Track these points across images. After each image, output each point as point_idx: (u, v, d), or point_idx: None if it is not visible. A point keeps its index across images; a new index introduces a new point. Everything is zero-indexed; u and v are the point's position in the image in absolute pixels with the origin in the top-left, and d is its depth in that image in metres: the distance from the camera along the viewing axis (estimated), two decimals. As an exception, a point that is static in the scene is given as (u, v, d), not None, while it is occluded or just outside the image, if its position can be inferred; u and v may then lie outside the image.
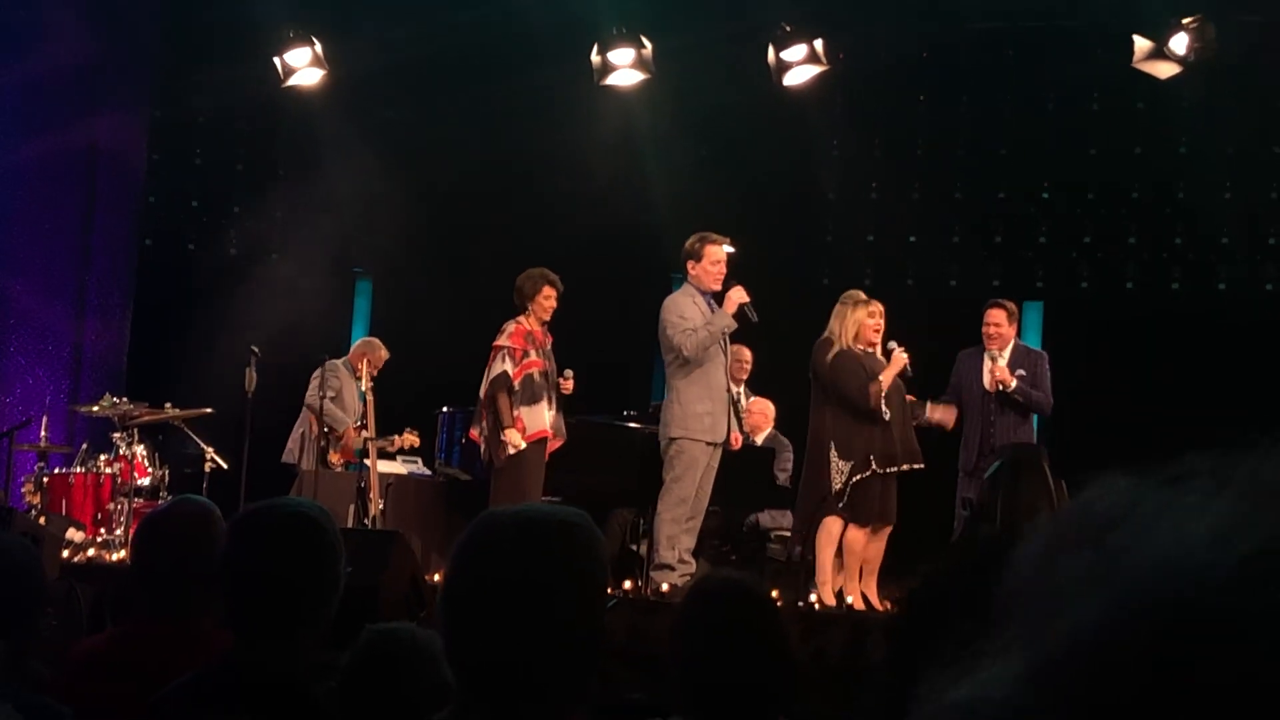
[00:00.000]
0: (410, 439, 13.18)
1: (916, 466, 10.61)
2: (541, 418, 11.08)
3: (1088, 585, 0.77)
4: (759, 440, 13.43)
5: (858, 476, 10.40)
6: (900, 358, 10.63)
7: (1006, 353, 11.65)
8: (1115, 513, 0.80)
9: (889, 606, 10.33)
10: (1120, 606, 0.75)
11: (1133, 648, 0.74)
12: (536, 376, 11.10)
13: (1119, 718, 0.74)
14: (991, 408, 11.47)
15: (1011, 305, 11.82)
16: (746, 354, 12.74)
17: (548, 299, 11.20)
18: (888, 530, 10.65)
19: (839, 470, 10.43)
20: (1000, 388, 11.39)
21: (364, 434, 12.65)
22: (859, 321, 10.54)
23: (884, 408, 10.47)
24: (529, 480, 10.97)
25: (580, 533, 2.67)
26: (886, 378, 10.49)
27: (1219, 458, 0.81)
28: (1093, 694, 0.74)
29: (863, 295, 10.75)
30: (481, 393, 11.19)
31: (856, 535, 10.51)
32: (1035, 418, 11.84)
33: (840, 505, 10.41)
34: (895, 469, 10.51)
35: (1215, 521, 0.76)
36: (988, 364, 11.50)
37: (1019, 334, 12.06)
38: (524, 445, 10.94)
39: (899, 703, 0.85)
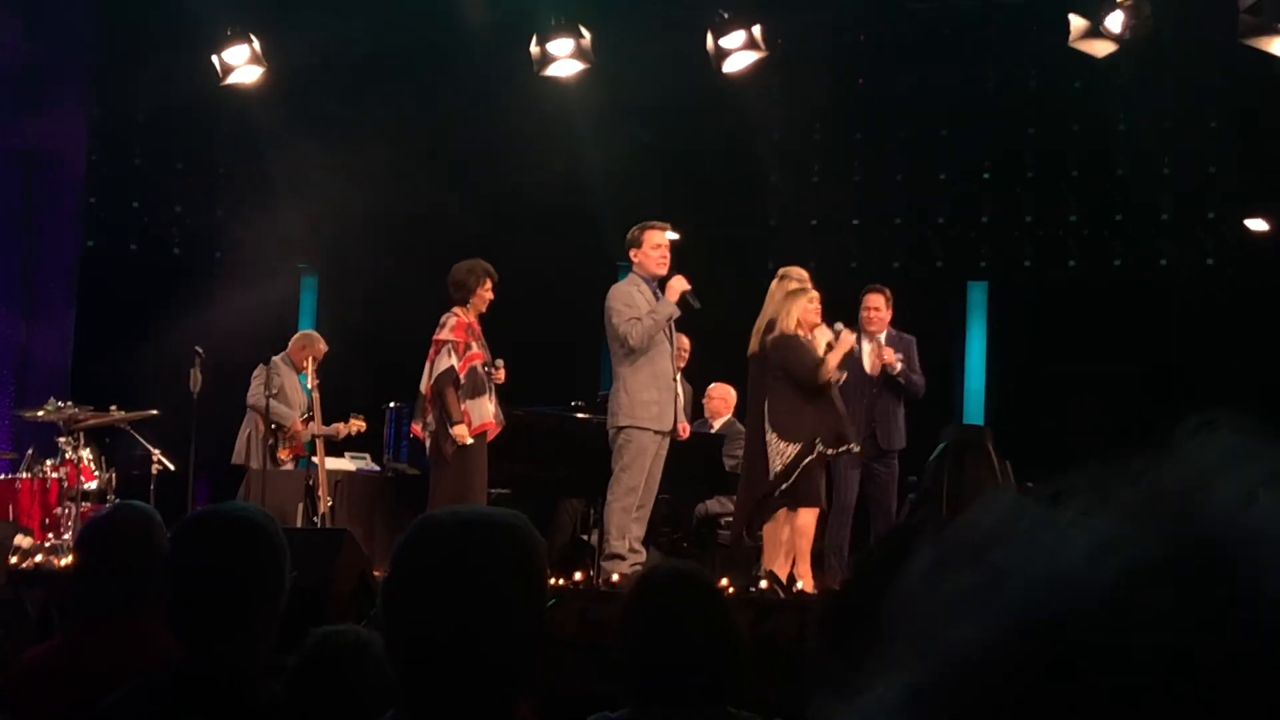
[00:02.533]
0: (356, 424, 13.13)
1: (855, 448, 10.67)
2: (485, 409, 11.07)
3: (968, 604, 0.77)
4: (716, 425, 13.45)
5: (807, 459, 10.40)
6: (848, 338, 10.66)
7: (882, 337, 11.78)
8: (996, 531, 0.81)
9: (814, 587, 10.35)
10: (998, 625, 0.76)
11: (1011, 666, 0.74)
12: (479, 368, 11.09)
13: None
14: (873, 391, 11.60)
15: (888, 291, 11.96)
16: (685, 343, 12.74)
17: (487, 291, 11.19)
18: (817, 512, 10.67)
19: (779, 453, 10.43)
20: (885, 369, 11.53)
21: (310, 426, 12.63)
22: (801, 308, 10.56)
23: (838, 379, 10.53)
24: (474, 473, 10.95)
25: (518, 532, 2.70)
26: (834, 357, 10.52)
27: (1096, 475, 0.82)
28: (974, 710, 0.75)
29: (797, 275, 10.73)
30: (424, 387, 11.15)
31: (808, 519, 10.52)
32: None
33: (782, 489, 10.40)
34: (845, 448, 10.54)
35: (1091, 539, 0.77)
36: (869, 347, 11.62)
37: (965, 314, 12.14)
38: (471, 440, 10.94)
39: (834, 691, 0.86)
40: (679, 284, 10.64)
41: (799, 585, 10.38)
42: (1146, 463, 0.81)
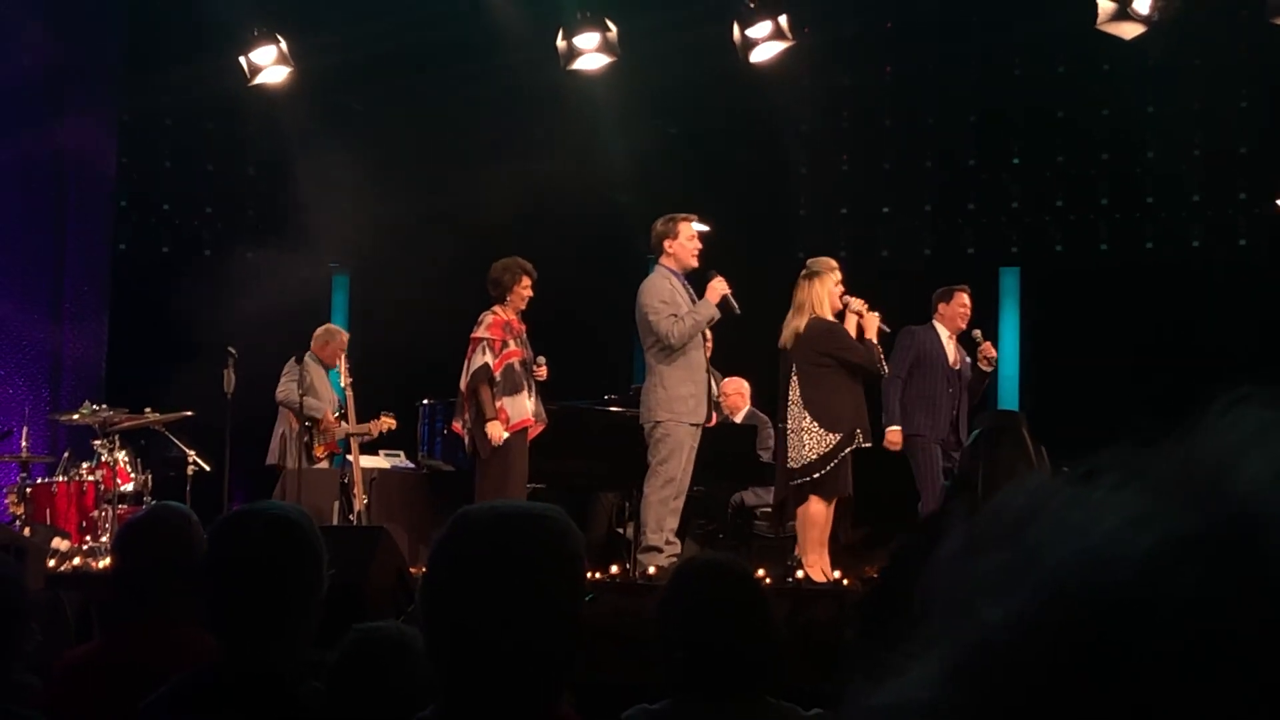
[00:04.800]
0: (387, 422, 13.14)
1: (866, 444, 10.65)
2: (523, 406, 11.09)
3: (1000, 582, 0.77)
4: (739, 419, 13.43)
5: (847, 449, 10.37)
6: (873, 319, 10.61)
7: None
8: (1028, 510, 0.81)
9: (842, 577, 10.33)
10: (1032, 602, 0.76)
11: (1046, 642, 0.74)
12: (516, 366, 11.11)
13: (1034, 713, 0.74)
14: (956, 385, 11.60)
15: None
16: (708, 333, 12.74)
17: (525, 289, 11.21)
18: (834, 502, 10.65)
19: (821, 441, 10.38)
20: (968, 365, 11.55)
21: (344, 425, 12.65)
22: (829, 290, 10.54)
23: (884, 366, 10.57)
24: (514, 470, 10.99)
25: (555, 525, 2.70)
26: (873, 334, 10.52)
27: (1128, 451, 0.81)
28: (1009, 691, 0.75)
29: (827, 262, 10.70)
30: (462, 385, 11.19)
31: (819, 507, 10.46)
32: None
33: (816, 477, 10.36)
34: (867, 440, 10.52)
35: (1123, 515, 0.76)
36: (952, 344, 11.63)
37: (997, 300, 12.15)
38: (507, 436, 10.95)
39: (868, 672, 0.86)
40: (720, 286, 10.60)
41: (799, 574, 10.36)
42: (1178, 440, 0.81)
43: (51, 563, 10.63)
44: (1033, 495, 0.81)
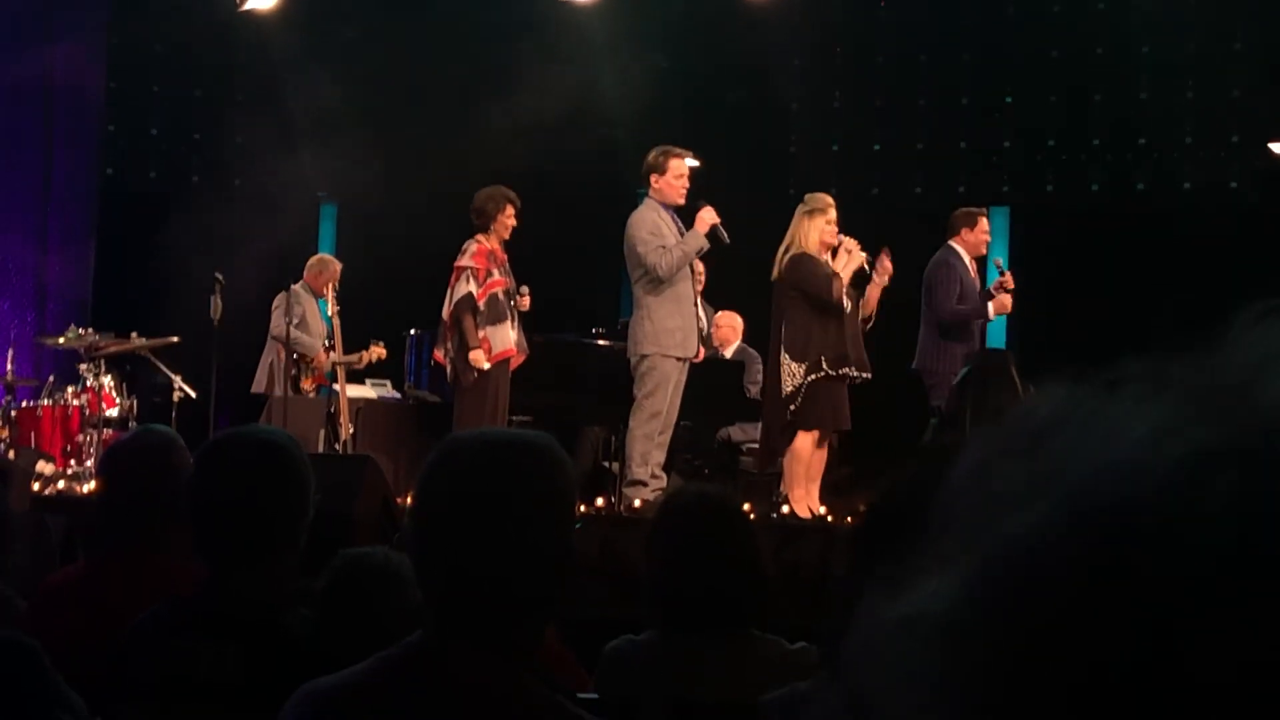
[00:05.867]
0: (377, 351, 13.13)
1: (865, 375, 10.55)
2: (506, 336, 11.07)
3: (1022, 494, 0.76)
4: (728, 353, 13.44)
5: (811, 377, 10.35)
6: (857, 256, 10.54)
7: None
8: (1051, 421, 0.79)
9: (827, 513, 10.35)
10: (1055, 513, 0.74)
11: (1069, 554, 0.73)
12: (500, 296, 11.08)
13: (1056, 625, 0.73)
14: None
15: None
16: (700, 267, 12.69)
17: (509, 217, 11.16)
18: (830, 437, 10.63)
19: (790, 373, 10.39)
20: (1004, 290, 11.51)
21: (332, 355, 12.63)
22: (819, 228, 10.49)
23: (845, 300, 10.42)
24: (496, 399, 10.98)
25: (545, 453, 2.68)
26: (846, 273, 10.43)
27: (1154, 362, 0.80)
28: (1030, 603, 0.73)
29: (822, 200, 10.66)
30: (445, 314, 11.16)
31: (805, 441, 10.47)
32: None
33: (790, 410, 10.36)
34: (846, 370, 10.42)
35: (1150, 425, 0.75)
36: (974, 267, 11.61)
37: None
38: (488, 365, 10.93)
39: (879, 588, 0.84)
40: (710, 216, 10.55)
41: (784, 509, 10.37)
42: (1206, 351, 0.79)
43: (36, 486, 10.63)
44: (1056, 405, 0.80)
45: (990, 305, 11.41)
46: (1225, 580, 0.70)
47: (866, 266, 10.59)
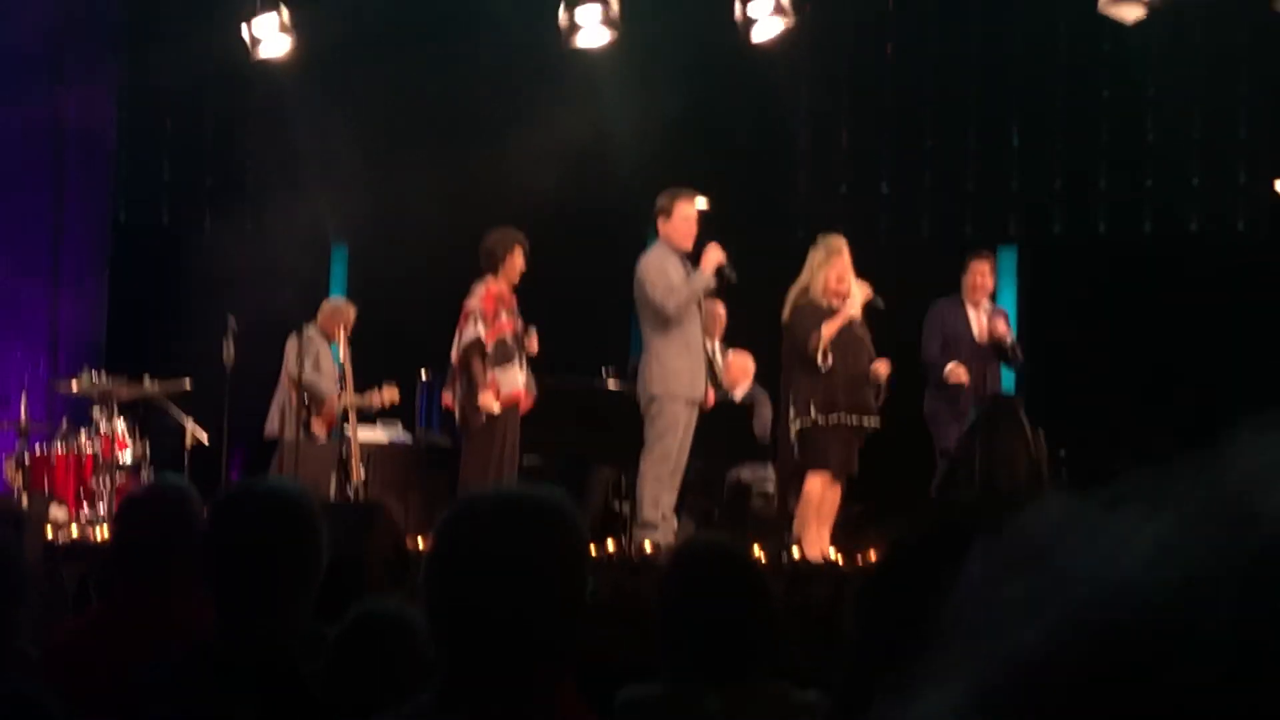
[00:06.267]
0: (390, 393, 13.15)
1: (866, 421, 10.60)
2: (515, 379, 11.07)
3: (1027, 608, 0.78)
4: (739, 395, 13.43)
5: (798, 424, 10.48)
6: (851, 309, 10.60)
7: (985, 304, 11.77)
8: (1054, 536, 0.81)
9: (839, 556, 10.38)
10: (1060, 628, 0.76)
11: (1075, 666, 0.75)
12: (508, 338, 11.08)
13: None
14: (981, 359, 11.58)
15: (993, 259, 11.98)
16: (720, 310, 12.72)
17: (518, 259, 11.18)
18: (840, 482, 10.68)
19: (792, 417, 10.57)
20: (999, 339, 11.53)
21: (343, 398, 12.63)
22: (825, 272, 10.57)
23: (824, 358, 10.46)
24: (505, 443, 10.96)
25: (560, 513, 2.70)
26: (831, 326, 10.50)
27: (1154, 478, 0.82)
28: (1036, 715, 0.76)
29: (835, 243, 10.72)
30: (453, 357, 11.17)
31: (812, 484, 10.54)
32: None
33: (795, 452, 10.49)
34: (837, 417, 10.48)
35: (1152, 543, 0.77)
36: (974, 315, 11.62)
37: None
38: (498, 409, 10.93)
39: (867, 672, 0.86)
40: (716, 255, 10.60)
41: (795, 552, 10.40)
42: (1204, 464, 0.81)
43: (50, 532, 10.63)
44: (1058, 519, 0.82)
45: (947, 369, 11.46)
46: (1222, 702, 0.73)
47: (880, 303, 10.70)
